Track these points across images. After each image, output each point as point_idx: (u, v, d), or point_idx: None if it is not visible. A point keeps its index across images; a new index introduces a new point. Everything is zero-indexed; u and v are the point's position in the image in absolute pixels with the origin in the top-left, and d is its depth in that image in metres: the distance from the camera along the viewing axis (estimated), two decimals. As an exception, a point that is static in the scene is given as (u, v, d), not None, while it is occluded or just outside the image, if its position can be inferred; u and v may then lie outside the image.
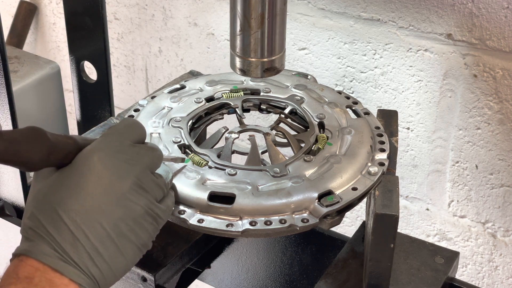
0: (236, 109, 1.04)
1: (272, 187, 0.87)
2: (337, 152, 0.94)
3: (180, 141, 0.96)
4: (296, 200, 0.85)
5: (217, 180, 0.89)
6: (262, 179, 0.89)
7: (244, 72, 0.91)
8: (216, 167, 0.91)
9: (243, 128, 1.02)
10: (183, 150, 0.95)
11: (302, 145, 0.96)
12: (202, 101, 1.04)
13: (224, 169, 0.90)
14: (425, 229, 1.45)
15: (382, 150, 0.95)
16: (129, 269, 0.76)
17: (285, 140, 1.00)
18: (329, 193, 0.87)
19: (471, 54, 1.24)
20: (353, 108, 1.04)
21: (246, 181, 0.88)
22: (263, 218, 0.84)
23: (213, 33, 1.56)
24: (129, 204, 0.74)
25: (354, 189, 0.88)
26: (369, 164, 0.92)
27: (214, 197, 0.86)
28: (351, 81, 1.40)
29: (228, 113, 1.05)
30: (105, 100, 1.31)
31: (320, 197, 0.86)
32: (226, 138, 0.99)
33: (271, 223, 0.84)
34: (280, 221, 0.84)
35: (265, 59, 0.90)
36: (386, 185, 0.89)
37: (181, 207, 0.86)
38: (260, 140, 1.00)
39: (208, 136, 1.05)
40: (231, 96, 1.06)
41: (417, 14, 1.26)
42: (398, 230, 0.87)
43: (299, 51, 1.44)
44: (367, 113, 1.03)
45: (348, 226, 1.54)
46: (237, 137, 1.00)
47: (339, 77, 1.41)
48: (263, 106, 1.06)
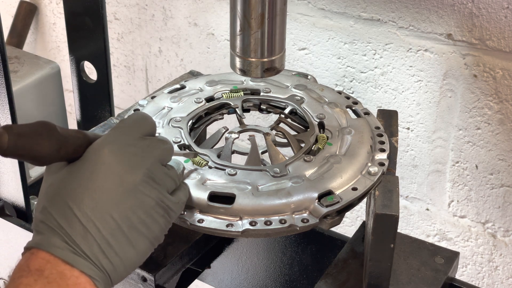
0: (236, 109, 1.04)
1: (272, 187, 0.87)
2: (337, 152, 0.93)
3: (180, 141, 0.96)
4: (296, 200, 0.85)
5: (217, 180, 0.88)
6: (262, 179, 0.89)
7: (244, 72, 0.91)
8: (216, 167, 0.91)
9: (243, 128, 1.02)
10: (183, 150, 0.95)
11: (302, 145, 0.96)
12: (202, 101, 1.04)
13: (224, 169, 0.90)
14: (425, 229, 1.45)
15: (382, 150, 0.95)
16: (141, 263, 0.76)
17: (285, 140, 1.00)
18: (329, 193, 0.87)
19: (471, 54, 1.24)
20: (353, 108, 1.04)
21: (246, 181, 0.88)
22: (263, 218, 0.84)
23: (213, 33, 1.56)
24: (140, 196, 0.74)
25: (354, 189, 0.88)
26: (369, 164, 0.92)
27: (214, 197, 0.86)
28: (351, 81, 1.40)
29: (228, 113, 1.05)
30: (105, 100, 1.31)
31: (320, 197, 0.86)
32: (226, 138, 0.99)
33: (271, 223, 0.84)
34: (280, 221, 0.84)
35: (265, 59, 0.90)
36: (386, 185, 0.89)
37: (181, 207, 0.86)
38: (260, 140, 1.00)
39: (208, 136, 1.05)
40: (231, 96, 1.06)
41: (417, 14, 1.26)
42: (398, 230, 0.86)
43: (299, 51, 1.44)
44: (367, 113, 1.03)
45: (348, 226, 1.54)
46: (237, 137, 1.00)
47: (339, 77, 1.41)
48: (263, 106, 1.06)
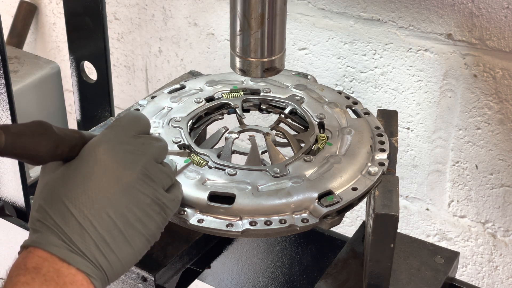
0: (236, 109, 1.04)
1: (272, 187, 0.87)
2: (337, 152, 0.93)
3: (180, 141, 0.96)
4: (296, 200, 0.85)
5: (217, 180, 0.88)
6: (262, 179, 0.89)
7: (244, 72, 0.91)
8: (216, 167, 0.91)
9: (243, 128, 1.02)
10: (183, 150, 0.95)
11: (302, 145, 0.96)
12: (202, 101, 1.04)
13: (224, 169, 0.90)
14: (425, 229, 1.45)
15: (382, 150, 0.95)
16: (137, 260, 0.76)
17: (285, 140, 1.00)
18: (329, 193, 0.87)
19: (471, 54, 1.24)
20: (353, 108, 1.04)
21: (246, 181, 0.88)
22: (263, 218, 0.84)
23: (213, 33, 1.56)
24: (136, 194, 0.75)
25: (354, 189, 0.88)
26: (369, 164, 0.92)
27: (214, 197, 0.86)
28: (351, 81, 1.40)
29: (228, 113, 1.05)
30: (105, 100, 1.31)
31: (320, 197, 0.86)
32: (226, 138, 0.99)
33: (271, 223, 0.84)
34: (280, 221, 0.84)
35: (265, 59, 0.90)
36: (386, 185, 0.89)
37: (181, 207, 0.86)
38: (260, 140, 1.00)
39: (208, 136, 1.05)
40: (231, 96, 1.06)
41: (417, 14, 1.26)
42: (398, 230, 0.86)
43: (299, 51, 1.44)
44: (367, 113, 1.03)
45: (348, 226, 1.54)
46: (237, 137, 1.00)
47: (339, 77, 1.41)
48: (263, 106, 1.06)
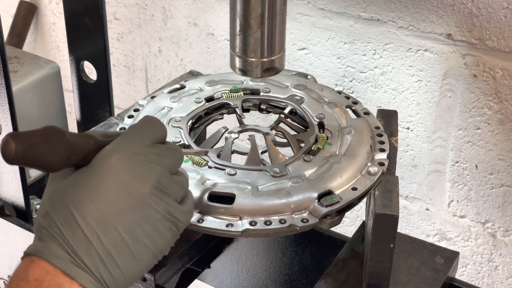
0: (236, 109, 1.04)
1: (272, 187, 0.87)
2: (337, 152, 0.93)
3: (180, 141, 0.96)
4: (296, 200, 0.85)
5: (217, 180, 0.88)
6: (262, 179, 0.88)
7: (244, 72, 0.91)
8: (216, 167, 0.91)
9: (243, 128, 1.02)
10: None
11: (302, 145, 0.96)
12: (202, 101, 1.04)
13: (224, 169, 0.90)
14: (425, 229, 1.45)
15: (382, 150, 0.95)
16: (142, 274, 0.73)
17: (285, 140, 1.00)
18: (329, 193, 0.87)
19: (471, 54, 1.24)
20: (353, 108, 1.04)
21: (246, 181, 0.88)
22: (263, 218, 0.84)
23: (213, 33, 1.56)
24: (147, 209, 0.71)
25: (354, 189, 0.88)
26: (369, 164, 0.92)
27: (214, 197, 0.86)
28: (351, 81, 1.40)
29: (228, 113, 1.05)
30: (105, 100, 1.31)
31: (320, 197, 0.86)
32: (226, 138, 0.99)
33: (271, 223, 0.84)
34: (280, 221, 0.84)
35: (265, 59, 0.90)
36: (386, 185, 0.89)
37: (181, 207, 0.86)
38: (260, 140, 1.00)
39: (208, 136, 1.05)
40: (231, 96, 1.06)
41: (417, 14, 1.26)
42: (398, 230, 0.86)
43: (299, 51, 1.44)
44: (367, 113, 1.03)
45: (348, 226, 1.54)
46: (237, 137, 1.00)
47: (339, 77, 1.41)
48: (263, 106, 1.06)
